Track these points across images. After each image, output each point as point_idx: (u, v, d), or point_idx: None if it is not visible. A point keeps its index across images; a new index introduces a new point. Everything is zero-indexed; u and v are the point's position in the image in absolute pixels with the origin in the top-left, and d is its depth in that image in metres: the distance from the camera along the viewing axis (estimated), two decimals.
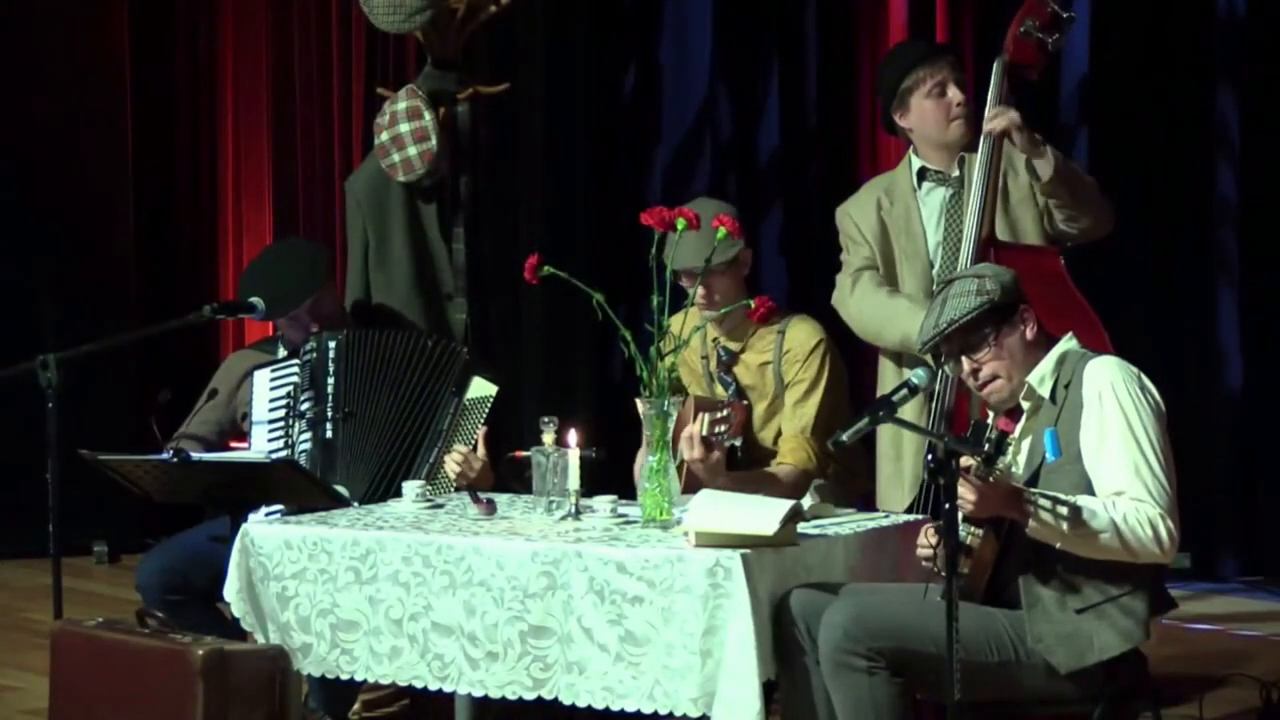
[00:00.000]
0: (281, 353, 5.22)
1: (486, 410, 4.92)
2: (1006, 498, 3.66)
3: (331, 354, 5.04)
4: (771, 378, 4.80)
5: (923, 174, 4.86)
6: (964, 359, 3.89)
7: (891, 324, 4.74)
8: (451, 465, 4.80)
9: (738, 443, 4.70)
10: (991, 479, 3.60)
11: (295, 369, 5.07)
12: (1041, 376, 3.86)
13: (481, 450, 4.81)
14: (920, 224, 4.83)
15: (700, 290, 4.66)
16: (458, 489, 4.78)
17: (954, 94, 4.78)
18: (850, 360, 5.01)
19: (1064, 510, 3.64)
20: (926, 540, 3.83)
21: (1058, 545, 3.69)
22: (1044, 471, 3.79)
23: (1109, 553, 3.67)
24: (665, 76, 7.46)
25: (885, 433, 4.81)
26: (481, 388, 4.96)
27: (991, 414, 3.95)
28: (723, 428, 4.48)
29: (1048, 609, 3.75)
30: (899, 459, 4.82)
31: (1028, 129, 4.59)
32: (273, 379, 5.09)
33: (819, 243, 7.01)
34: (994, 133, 4.62)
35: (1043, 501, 3.66)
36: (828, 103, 7.15)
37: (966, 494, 3.57)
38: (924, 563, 3.82)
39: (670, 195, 7.06)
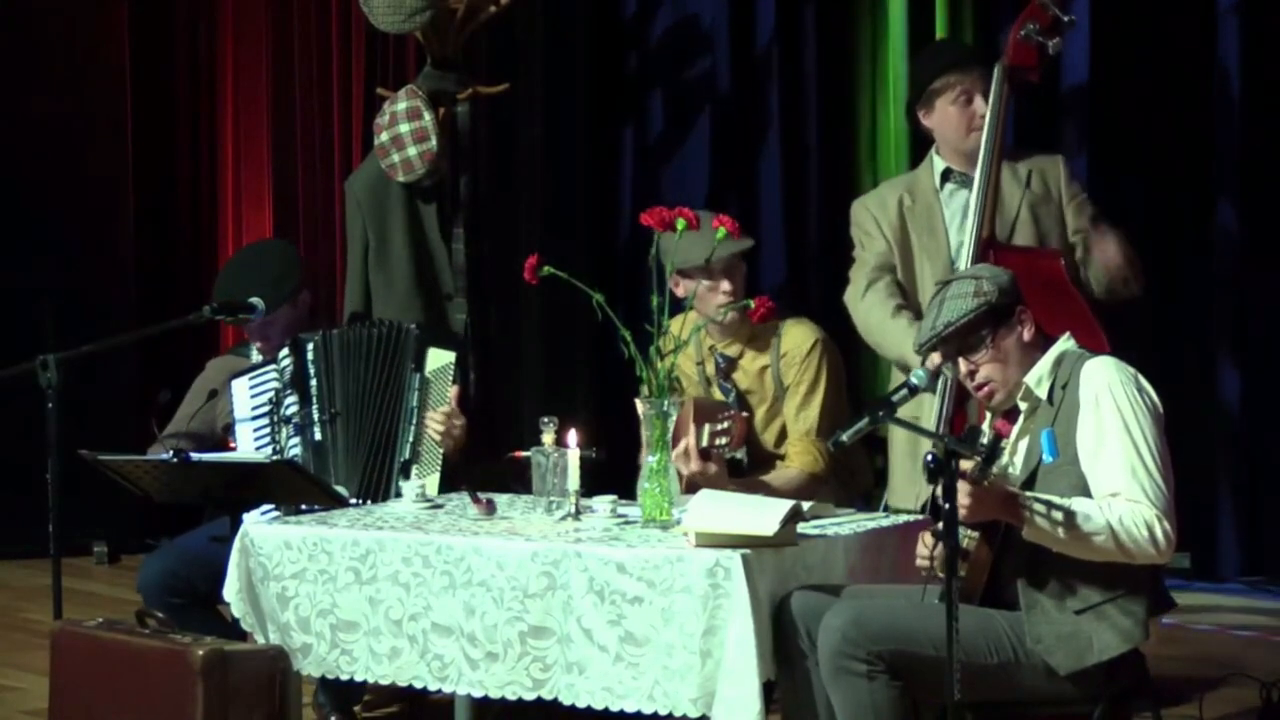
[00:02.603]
0: (256, 358, 5.21)
1: (451, 374, 4.94)
2: (1002, 501, 3.65)
3: (310, 355, 5.04)
4: (771, 381, 4.80)
5: (946, 175, 4.88)
6: (961, 361, 3.89)
7: (891, 343, 4.76)
8: (434, 429, 4.86)
9: (740, 454, 4.69)
10: (986, 483, 3.59)
11: (273, 374, 5.06)
12: (1039, 377, 3.86)
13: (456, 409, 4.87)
14: (943, 223, 4.84)
15: (726, 285, 4.66)
16: (449, 474, 4.82)
17: (979, 105, 4.79)
18: (848, 356, 5.02)
19: (1059, 514, 3.63)
20: (924, 545, 3.83)
21: (1054, 548, 3.69)
22: (1041, 472, 3.78)
23: (1105, 554, 3.66)
24: (665, 76, 7.46)
25: (897, 430, 4.82)
26: (439, 357, 4.98)
27: (989, 416, 3.95)
28: (723, 440, 4.47)
29: (1047, 610, 3.74)
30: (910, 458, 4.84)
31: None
32: (251, 386, 5.07)
33: (818, 243, 7.03)
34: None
35: (1038, 506, 3.65)
36: (827, 102, 7.15)
37: (961, 498, 3.56)
38: (922, 572, 3.81)
39: (670, 195, 7.06)
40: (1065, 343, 3.91)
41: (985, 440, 3.56)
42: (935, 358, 3.97)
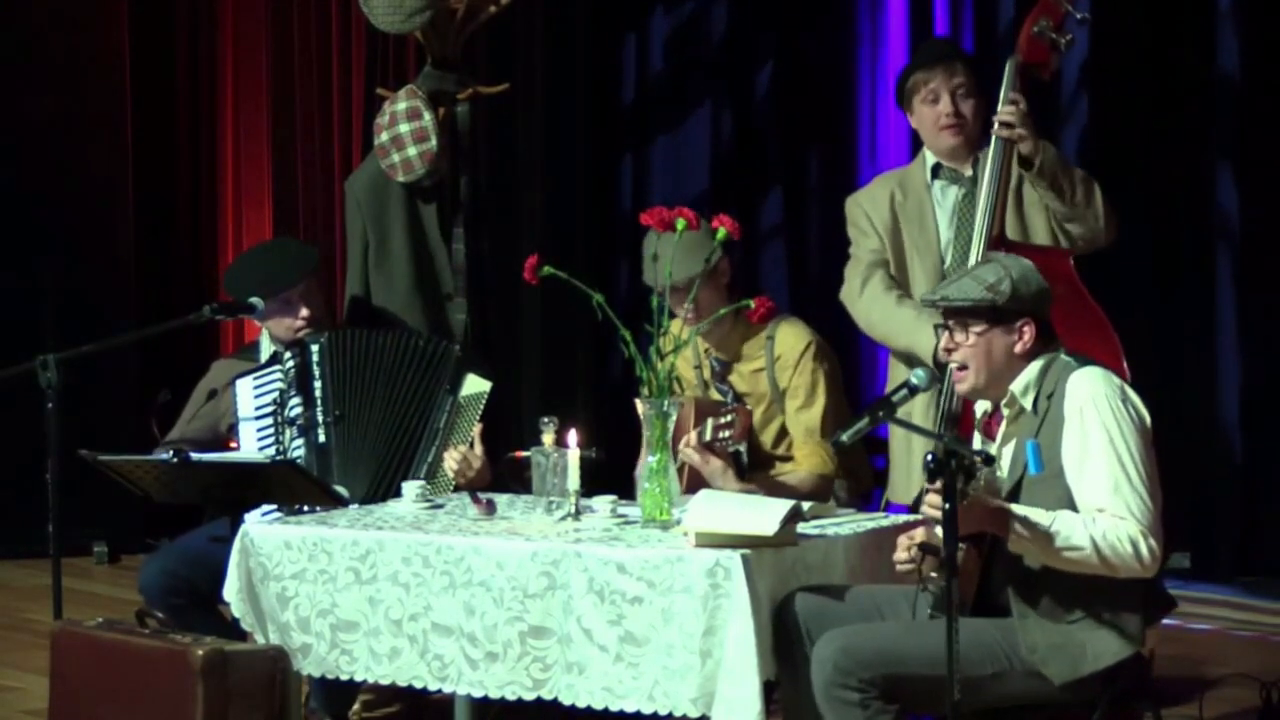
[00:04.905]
0: (264, 357, 5.20)
1: (481, 406, 4.91)
2: (988, 515, 3.63)
3: (316, 357, 5.02)
4: (766, 383, 4.79)
5: (937, 170, 4.87)
6: (946, 333, 3.86)
7: (899, 334, 4.75)
8: (450, 464, 4.81)
9: (742, 448, 4.69)
10: (968, 499, 3.54)
11: (278, 375, 5.04)
12: (1025, 385, 3.80)
13: (479, 448, 4.82)
14: (933, 219, 4.83)
15: (686, 303, 4.60)
16: (457, 487, 4.79)
17: (944, 104, 4.78)
18: (845, 355, 5.02)
19: (1044, 530, 3.60)
20: (904, 549, 3.81)
21: (1039, 561, 3.67)
22: (1026, 484, 3.74)
23: (1089, 569, 3.63)
24: (665, 75, 7.47)
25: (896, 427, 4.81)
26: (475, 384, 4.96)
27: (975, 430, 3.94)
28: (726, 433, 4.46)
29: (1039, 620, 3.71)
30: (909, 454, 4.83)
31: (1030, 128, 4.59)
32: (256, 386, 5.05)
33: (819, 241, 7.04)
34: (1002, 131, 4.61)
35: (1023, 524, 3.62)
36: (827, 99, 7.15)
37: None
38: (904, 575, 3.80)
39: (670, 195, 7.07)
40: (1054, 352, 3.86)
41: (969, 458, 3.52)
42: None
